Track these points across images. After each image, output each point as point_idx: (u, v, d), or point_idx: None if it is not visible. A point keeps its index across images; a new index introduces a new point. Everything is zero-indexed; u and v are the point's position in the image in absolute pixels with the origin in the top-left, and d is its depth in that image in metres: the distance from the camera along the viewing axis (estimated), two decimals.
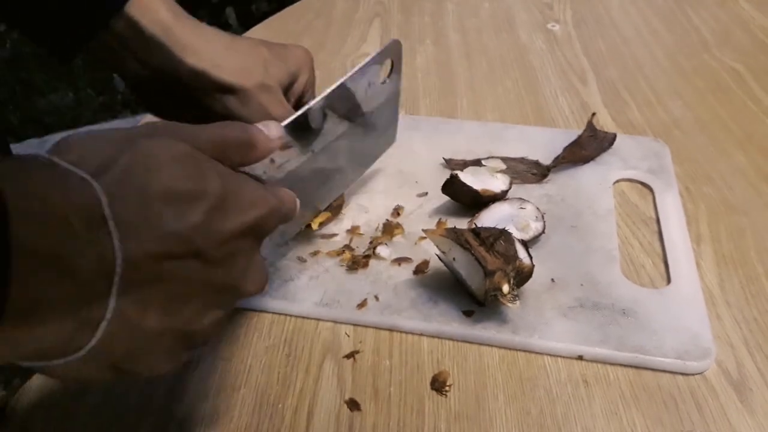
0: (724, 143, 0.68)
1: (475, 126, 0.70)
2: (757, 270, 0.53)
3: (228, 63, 0.45)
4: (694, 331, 0.47)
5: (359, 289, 0.51)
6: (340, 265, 0.52)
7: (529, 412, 0.43)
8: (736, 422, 0.42)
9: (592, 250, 0.54)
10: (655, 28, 0.91)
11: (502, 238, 0.47)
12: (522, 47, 0.87)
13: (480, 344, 0.47)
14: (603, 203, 0.58)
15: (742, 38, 0.88)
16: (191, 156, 0.30)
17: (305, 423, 0.43)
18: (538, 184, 0.61)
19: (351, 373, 0.46)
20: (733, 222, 0.58)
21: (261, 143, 0.35)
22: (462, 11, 0.96)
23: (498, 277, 0.45)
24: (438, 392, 0.44)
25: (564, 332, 0.47)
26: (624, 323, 0.48)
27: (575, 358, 0.46)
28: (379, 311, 0.49)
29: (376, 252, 0.53)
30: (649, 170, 0.62)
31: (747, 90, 0.77)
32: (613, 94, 0.76)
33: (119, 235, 0.26)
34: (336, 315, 0.49)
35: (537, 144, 0.65)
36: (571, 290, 0.50)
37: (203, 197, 0.29)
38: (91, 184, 0.26)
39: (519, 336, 0.47)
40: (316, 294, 0.50)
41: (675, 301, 0.49)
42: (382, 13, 0.96)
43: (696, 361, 0.45)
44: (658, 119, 0.72)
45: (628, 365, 0.46)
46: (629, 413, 0.43)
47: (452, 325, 0.48)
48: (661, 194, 0.60)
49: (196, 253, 0.29)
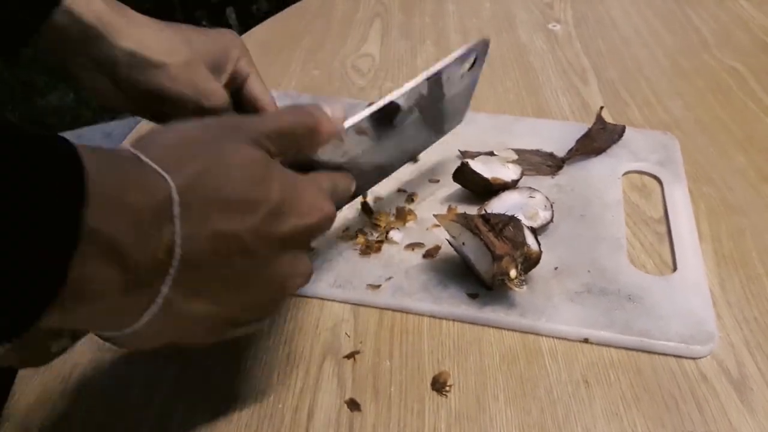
0: (724, 143, 0.68)
1: (486, 118, 0.70)
2: (758, 270, 0.53)
3: (156, 44, 0.48)
4: (698, 317, 0.48)
5: (372, 272, 0.52)
6: (353, 249, 0.54)
7: (530, 412, 0.43)
8: (737, 422, 0.42)
9: (600, 239, 0.55)
10: (655, 28, 0.91)
11: (511, 225, 0.48)
12: (522, 47, 0.87)
13: (487, 327, 0.48)
14: (612, 194, 0.60)
15: (742, 38, 0.88)
16: (260, 163, 0.33)
17: (305, 423, 0.43)
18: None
19: (351, 373, 0.46)
20: (734, 222, 0.58)
21: (325, 125, 0.38)
22: (462, 12, 0.96)
23: (506, 261, 0.46)
24: (438, 393, 0.44)
25: (571, 316, 0.48)
26: (630, 308, 0.49)
27: (581, 341, 0.47)
28: (390, 293, 0.50)
29: (388, 237, 0.55)
30: (657, 162, 0.64)
31: (747, 90, 0.77)
32: (613, 94, 0.76)
33: (182, 234, 0.28)
34: (349, 296, 0.50)
35: (548, 137, 0.67)
36: (579, 276, 0.51)
37: (263, 203, 0.32)
38: (167, 182, 0.28)
39: (526, 319, 0.48)
40: (330, 275, 0.52)
41: (680, 288, 0.50)
42: (383, 13, 0.96)
43: (700, 345, 0.46)
44: (659, 119, 0.72)
45: (633, 349, 0.47)
46: (630, 414, 0.43)
47: (461, 307, 0.49)
48: (669, 185, 0.61)
49: (248, 252, 0.32)
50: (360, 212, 0.58)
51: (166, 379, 0.45)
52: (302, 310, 0.50)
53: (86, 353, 0.47)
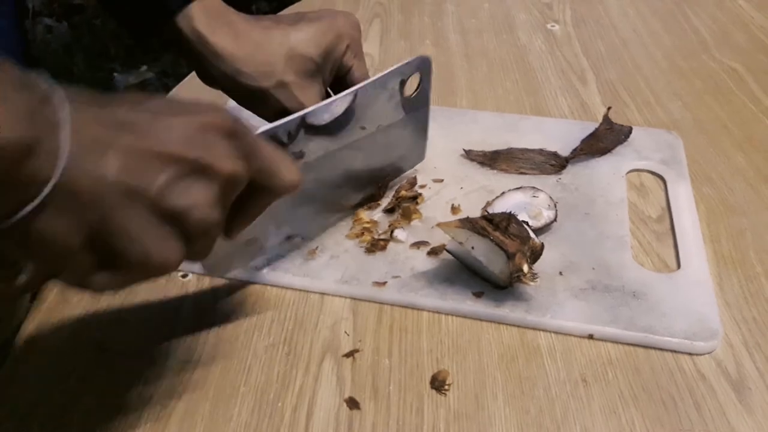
0: (723, 144, 0.68)
1: (489, 116, 0.71)
2: (756, 270, 0.53)
3: (250, 67, 0.50)
4: (702, 314, 0.48)
5: (378, 268, 0.52)
6: (359, 246, 0.54)
7: (528, 411, 0.43)
8: (735, 422, 0.43)
9: (604, 236, 0.55)
10: (654, 29, 0.91)
11: (513, 221, 0.48)
12: (522, 48, 0.87)
13: (493, 323, 0.49)
14: (616, 192, 0.60)
15: (741, 38, 0.88)
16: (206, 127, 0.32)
17: (305, 422, 0.43)
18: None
19: (350, 371, 0.46)
20: (733, 222, 0.58)
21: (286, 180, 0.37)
22: (462, 12, 0.96)
23: (518, 258, 0.46)
24: (437, 391, 0.44)
25: (576, 313, 0.49)
26: (634, 305, 0.49)
27: (586, 337, 0.47)
28: (396, 289, 0.50)
29: (393, 235, 0.55)
30: (661, 161, 0.64)
31: (746, 90, 0.77)
32: (612, 95, 0.76)
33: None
34: (355, 292, 0.51)
35: (551, 135, 0.67)
36: (583, 273, 0.52)
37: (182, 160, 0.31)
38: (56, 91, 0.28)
39: (531, 315, 0.48)
40: (336, 272, 0.52)
41: (684, 286, 0.51)
42: (382, 13, 0.96)
43: (703, 341, 0.46)
44: (658, 119, 0.72)
45: (637, 344, 0.47)
46: (628, 412, 0.43)
47: (467, 303, 0.49)
48: (673, 184, 0.61)
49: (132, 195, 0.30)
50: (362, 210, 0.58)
51: (165, 379, 0.45)
52: (301, 309, 0.50)
53: (86, 353, 0.47)
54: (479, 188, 0.61)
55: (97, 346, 0.47)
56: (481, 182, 0.61)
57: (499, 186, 0.60)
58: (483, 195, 0.59)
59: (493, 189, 0.60)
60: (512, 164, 0.63)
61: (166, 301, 0.51)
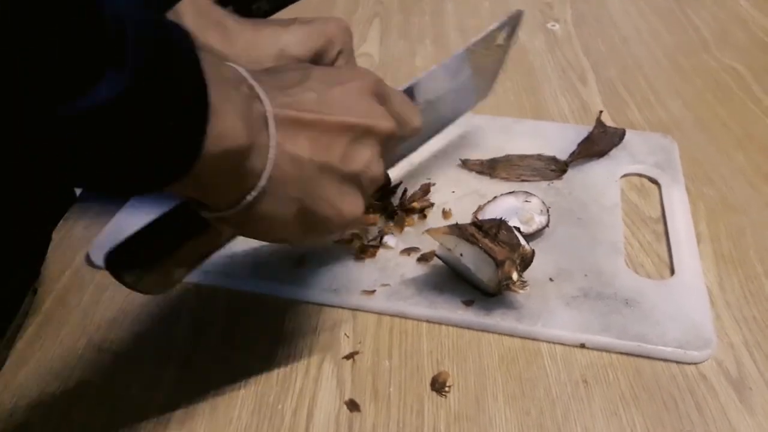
0: (723, 143, 0.68)
1: (486, 120, 0.70)
2: (757, 269, 0.53)
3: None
4: (695, 322, 0.48)
5: (367, 276, 0.52)
6: (349, 253, 0.53)
7: (529, 412, 0.43)
8: (736, 422, 0.42)
9: (597, 242, 0.54)
10: (654, 28, 0.91)
11: (503, 228, 0.47)
12: (522, 47, 0.87)
13: (484, 332, 0.48)
14: (609, 197, 0.59)
15: (741, 37, 0.88)
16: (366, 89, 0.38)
17: (305, 424, 0.43)
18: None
19: (350, 373, 0.46)
20: (733, 222, 0.58)
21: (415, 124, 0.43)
22: (462, 11, 0.96)
23: (508, 265, 0.46)
24: (438, 393, 0.44)
25: (567, 321, 0.48)
26: (626, 313, 0.48)
27: (578, 346, 0.47)
28: (385, 298, 0.50)
29: (383, 242, 0.54)
30: (656, 165, 0.63)
31: (747, 90, 0.77)
32: (612, 94, 0.76)
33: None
34: (344, 301, 0.50)
35: (548, 139, 0.66)
36: (575, 280, 0.51)
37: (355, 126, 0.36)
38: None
39: (523, 324, 0.48)
40: (325, 280, 0.51)
41: (678, 293, 0.50)
42: (382, 12, 0.96)
43: (697, 350, 0.46)
44: (658, 119, 0.72)
45: (630, 354, 0.46)
46: (629, 413, 0.43)
47: (457, 312, 0.49)
48: (667, 188, 0.60)
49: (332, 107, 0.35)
50: None
51: (166, 379, 0.45)
52: (301, 311, 0.50)
53: (86, 353, 0.47)
54: (471, 192, 0.60)
55: (97, 347, 0.47)
56: (474, 186, 0.60)
57: (492, 190, 0.59)
58: (475, 199, 0.58)
59: (485, 193, 0.59)
60: (512, 172, 0.62)
61: (165, 303, 0.51)
